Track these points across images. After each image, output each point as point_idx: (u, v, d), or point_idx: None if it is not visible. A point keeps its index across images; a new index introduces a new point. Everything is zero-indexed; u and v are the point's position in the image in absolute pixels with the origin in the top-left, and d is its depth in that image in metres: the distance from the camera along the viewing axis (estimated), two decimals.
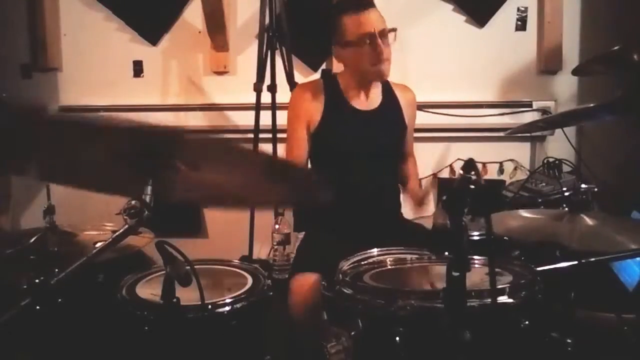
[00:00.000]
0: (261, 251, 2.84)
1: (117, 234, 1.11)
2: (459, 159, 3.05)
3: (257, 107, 2.67)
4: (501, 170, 3.08)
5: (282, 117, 2.64)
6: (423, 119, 2.92)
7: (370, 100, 2.12)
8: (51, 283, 1.05)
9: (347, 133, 2.07)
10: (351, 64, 2.07)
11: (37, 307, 1.18)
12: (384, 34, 1.98)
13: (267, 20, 2.63)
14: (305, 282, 1.78)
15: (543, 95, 3.04)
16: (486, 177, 3.02)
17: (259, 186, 1.23)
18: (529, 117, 2.95)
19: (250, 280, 1.66)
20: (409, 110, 2.20)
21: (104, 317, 1.62)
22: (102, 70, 3.15)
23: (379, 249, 1.66)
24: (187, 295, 1.27)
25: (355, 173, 2.07)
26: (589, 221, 1.66)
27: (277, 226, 2.29)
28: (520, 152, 3.09)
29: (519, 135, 3.01)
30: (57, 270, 1.07)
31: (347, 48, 2.02)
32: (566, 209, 1.75)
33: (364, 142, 2.07)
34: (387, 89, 2.17)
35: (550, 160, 2.30)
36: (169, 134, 1.05)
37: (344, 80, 2.11)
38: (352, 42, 2.00)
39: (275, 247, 2.26)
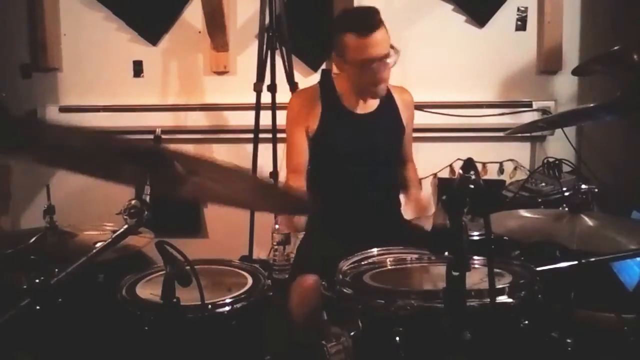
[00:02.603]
0: (261, 251, 2.84)
1: (117, 234, 1.11)
2: (459, 159, 3.05)
3: (257, 107, 2.67)
4: (501, 170, 3.08)
5: (282, 117, 2.63)
6: (423, 119, 2.92)
7: (367, 103, 2.12)
8: (51, 283, 1.05)
9: (345, 137, 2.07)
10: (349, 78, 2.05)
11: (37, 307, 1.18)
12: (385, 57, 1.94)
13: (267, 20, 2.63)
14: (306, 283, 1.78)
15: (543, 95, 3.04)
16: (486, 177, 3.02)
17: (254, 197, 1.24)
18: (529, 117, 2.95)
19: (250, 280, 1.66)
20: (407, 112, 2.19)
21: (104, 317, 1.62)
22: (102, 70, 3.15)
23: (379, 249, 1.66)
24: (187, 295, 1.27)
25: (354, 176, 2.08)
26: (589, 221, 1.66)
27: (277, 226, 2.28)
28: (520, 152, 3.09)
29: (519, 135, 3.01)
30: (57, 270, 1.07)
31: (347, 64, 1.99)
32: (566, 209, 1.76)
33: (362, 146, 2.07)
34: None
35: (550, 160, 2.29)
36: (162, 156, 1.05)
37: (340, 84, 2.11)
38: (352, 61, 1.96)
39: (275, 247, 2.26)
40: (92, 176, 1.28)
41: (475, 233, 1.98)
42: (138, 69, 3.16)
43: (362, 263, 1.60)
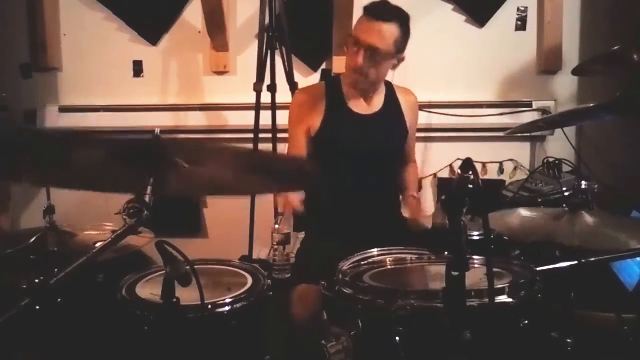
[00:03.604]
0: (261, 251, 2.84)
1: (117, 234, 1.11)
2: (458, 159, 3.05)
3: (257, 107, 2.67)
4: (501, 170, 3.08)
5: (282, 117, 2.65)
6: (423, 119, 2.92)
7: (372, 104, 2.12)
8: (51, 283, 1.05)
9: (347, 137, 2.07)
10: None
11: (37, 307, 1.18)
12: (373, 50, 1.95)
13: (267, 20, 2.63)
14: (307, 294, 1.77)
15: (543, 95, 3.04)
16: (486, 177, 3.02)
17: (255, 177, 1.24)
18: (529, 117, 2.95)
19: (250, 280, 1.65)
20: (411, 113, 2.20)
21: (104, 317, 1.62)
22: (102, 70, 3.15)
23: (379, 249, 1.66)
24: (187, 295, 1.27)
25: (355, 177, 2.07)
26: (589, 221, 1.66)
27: (277, 226, 2.28)
28: (520, 152, 3.09)
29: (519, 135, 3.01)
30: (57, 270, 1.07)
31: (348, 43, 2.03)
32: (566, 209, 1.75)
33: (364, 147, 2.07)
34: (390, 93, 2.17)
35: (550, 160, 2.29)
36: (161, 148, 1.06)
37: (346, 83, 2.11)
38: (350, 39, 2.01)
39: (275, 247, 2.26)
40: (93, 190, 1.28)
41: (475, 233, 1.99)
42: (138, 69, 3.16)
43: (362, 263, 1.60)
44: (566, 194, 2.01)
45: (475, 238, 1.98)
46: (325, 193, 1.88)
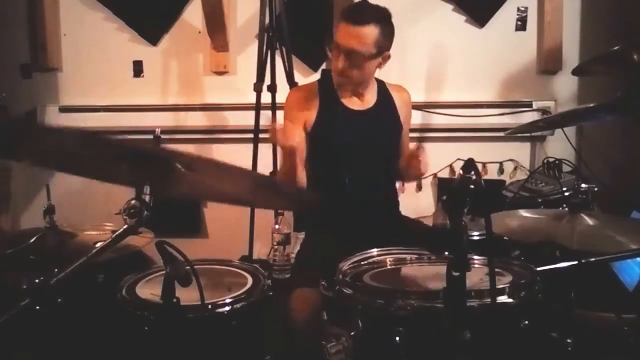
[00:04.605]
0: (261, 251, 2.84)
1: (117, 234, 1.11)
2: (459, 159, 3.05)
3: (257, 107, 2.67)
4: (501, 170, 3.09)
5: (282, 117, 2.64)
6: (423, 119, 2.93)
7: (364, 100, 2.13)
8: (51, 283, 1.05)
9: (341, 133, 2.08)
10: None
11: (37, 307, 1.18)
12: (353, 53, 1.97)
13: (267, 20, 2.63)
14: (306, 298, 1.77)
15: (543, 95, 3.04)
16: (486, 177, 3.02)
17: (254, 193, 1.25)
18: (529, 117, 2.96)
19: (250, 280, 1.66)
20: (405, 109, 2.21)
21: (104, 317, 1.62)
22: (102, 70, 3.15)
23: (379, 249, 1.66)
24: (187, 295, 1.27)
25: (350, 172, 2.08)
26: (589, 221, 1.66)
27: (277, 226, 2.29)
28: (520, 152, 3.09)
29: (519, 135, 3.02)
30: (57, 270, 1.07)
31: (330, 47, 2.05)
32: (566, 209, 1.75)
33: (358, 142, 2.08)
34: (382, 89, 2.18)
35: (550, 160, 2.29)
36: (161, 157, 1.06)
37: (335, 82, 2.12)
38: (332, 45, 2.02)
39: (275, 247, 2.26)
40: (91, 177, 1.28)
41: (475, 233, 1.99)
42: (138, 69, 3.16)
43: (362, 263, 1.60)
44: (566, 194, 2.02)
45: (476, 238, 1.98)
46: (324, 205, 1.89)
